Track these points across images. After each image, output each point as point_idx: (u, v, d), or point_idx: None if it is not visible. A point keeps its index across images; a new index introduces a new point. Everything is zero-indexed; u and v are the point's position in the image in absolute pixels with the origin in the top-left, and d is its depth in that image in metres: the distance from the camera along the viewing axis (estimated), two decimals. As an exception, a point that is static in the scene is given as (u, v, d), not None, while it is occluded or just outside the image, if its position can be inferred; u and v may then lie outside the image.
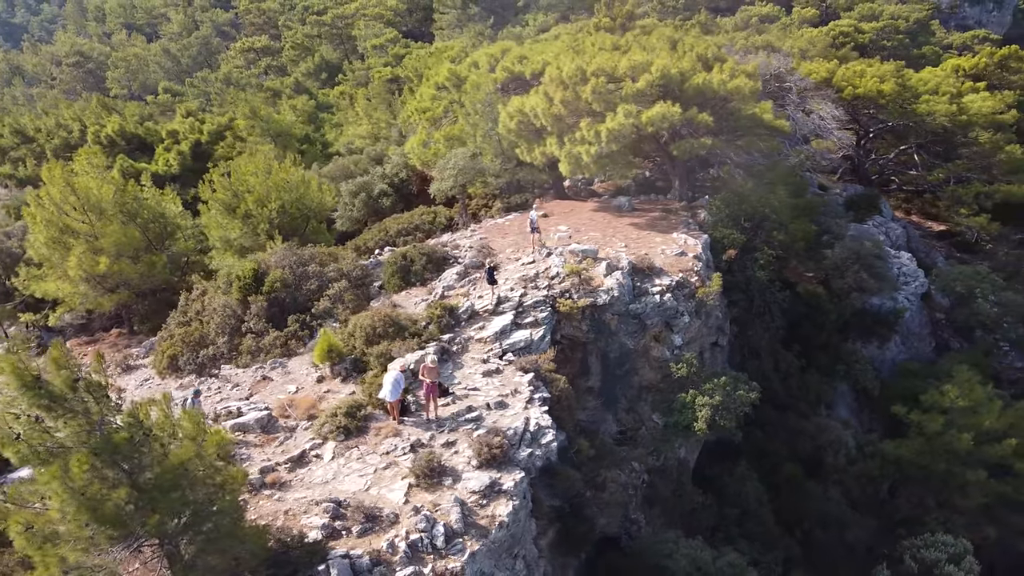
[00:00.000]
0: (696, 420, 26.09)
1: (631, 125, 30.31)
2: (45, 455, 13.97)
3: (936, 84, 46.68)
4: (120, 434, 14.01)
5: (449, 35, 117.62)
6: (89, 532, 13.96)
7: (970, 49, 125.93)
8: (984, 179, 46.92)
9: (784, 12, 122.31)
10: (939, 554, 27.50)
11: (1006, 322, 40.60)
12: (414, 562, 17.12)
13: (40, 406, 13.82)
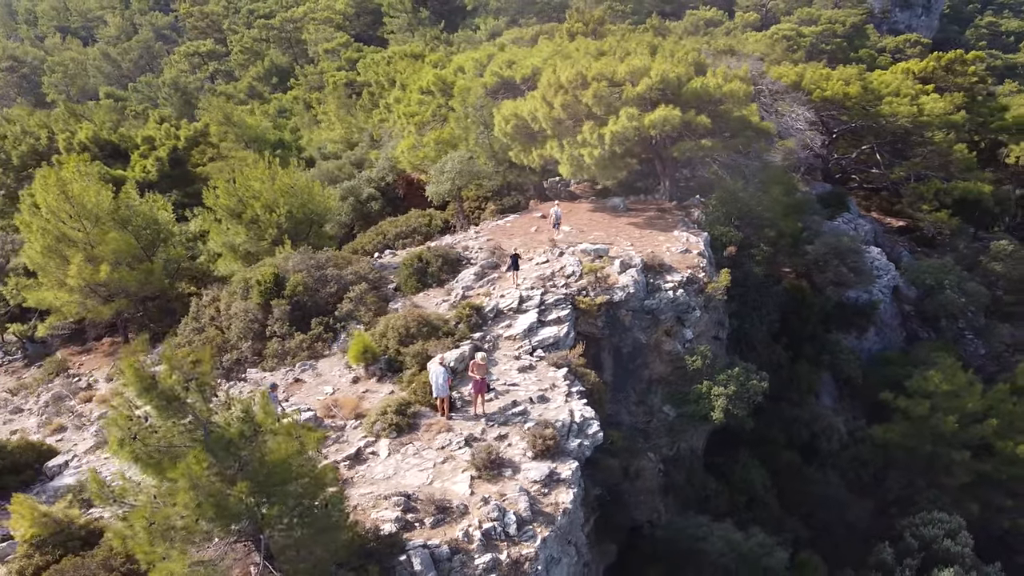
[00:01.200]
0: (713, 410, 27.29)
1: (634, 128, 31.42)
2: (157, 455, 14.31)
3: (897, 87, 49.07)
4: (233, 429, 14.43)
5: (400, 39, 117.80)
6: (206, 526, 14.35)
7: (902, 52, 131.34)
8: (942, 176, 49.50)
9: (727, 16, 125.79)
10: (936, 531, 29.24)
11: (970, 311, 43.02)
12: (489, 550, 17.83)
13: (156, 407, 14.16)
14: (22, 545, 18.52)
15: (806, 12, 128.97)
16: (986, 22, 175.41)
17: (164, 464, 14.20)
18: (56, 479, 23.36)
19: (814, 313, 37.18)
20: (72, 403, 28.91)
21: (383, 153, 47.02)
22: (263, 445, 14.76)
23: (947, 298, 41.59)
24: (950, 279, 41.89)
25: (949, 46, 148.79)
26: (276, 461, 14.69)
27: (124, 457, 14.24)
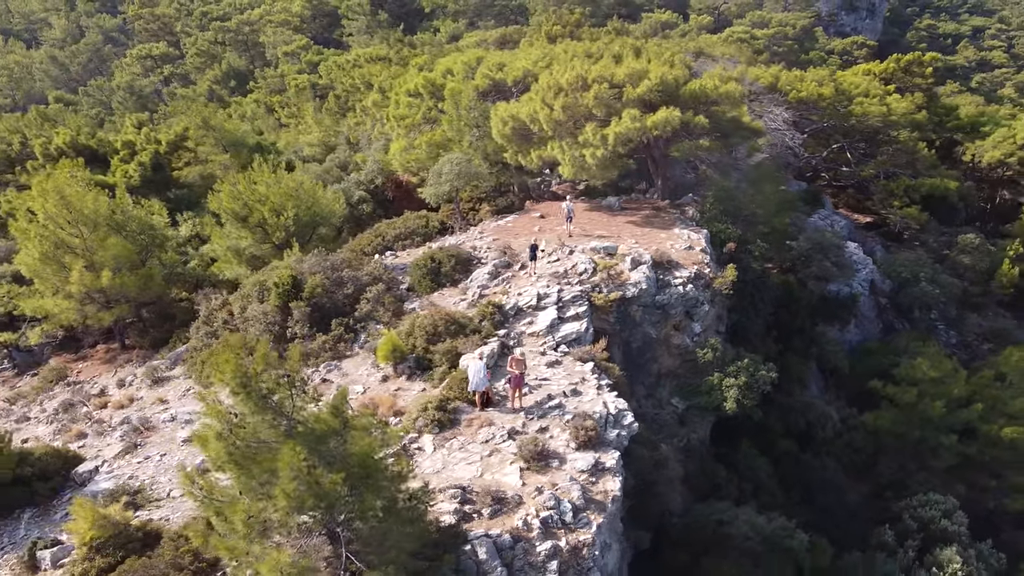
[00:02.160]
0: (726, 400, 28.29)
1: (637, 128, 32.30)
2: (249, 450, 14.62)
3: (866, 88, 50.93)
4: (324, 424, 14.80)
5: (360, 41, 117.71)
6: (300, 519, 14.70)
7: (850, 54, 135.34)
8: (909, 174, 51.56)
9: (681, 19, 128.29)
10: (933, 512, 30.63)
11: (942, 302, 44.91)
12: (548, 537, 18.42)
13: (251, 403, 14.47)
14: (80, 548, 18.54)
15: (757, 15, 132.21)
16: (925, 25, 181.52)
17: (260, 458, 14.50)
18: (89, 484, 23.25)
19: (802, 307, 38.48)
20: (86, 409, 28.64)
21: (370, 156, 47.16)
22: (351, 439, 15.14)
23: (922, 290, 43.39)
24: (924, 272, 43.72)
25: (892, 48, 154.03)
26: (362, 454, 15.09)
27: (217, 452, 14.48)
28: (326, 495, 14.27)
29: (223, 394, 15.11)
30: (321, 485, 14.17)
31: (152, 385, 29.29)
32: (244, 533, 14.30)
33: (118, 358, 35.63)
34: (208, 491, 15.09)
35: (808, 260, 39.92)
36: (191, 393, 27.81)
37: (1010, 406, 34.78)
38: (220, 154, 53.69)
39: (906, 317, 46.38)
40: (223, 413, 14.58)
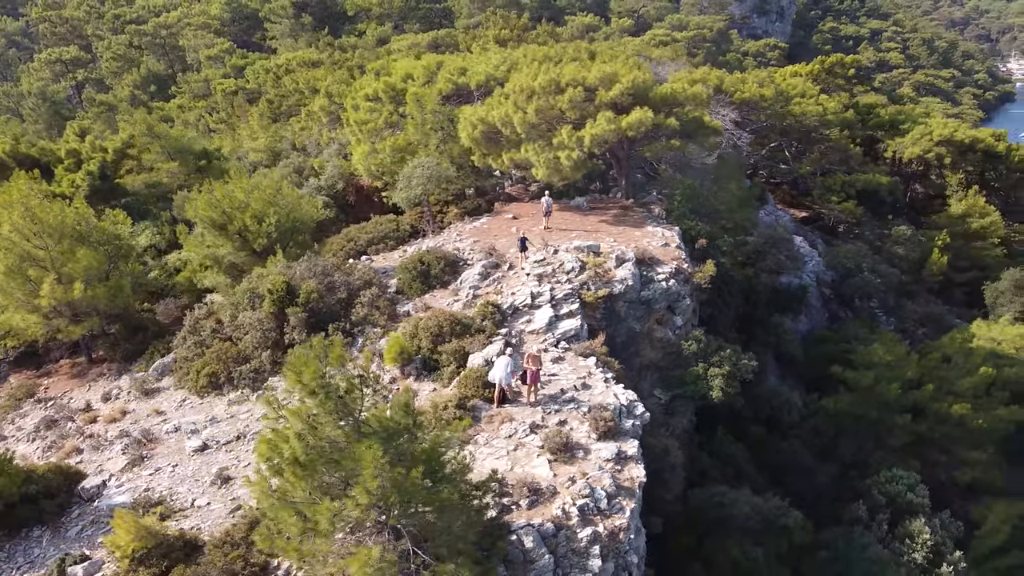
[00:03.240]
0: (711, 389, 29.61)
1: (612, 130, 33.38)
2: (325, 451, 14.94)
3: (802, 89, 53.48)
4: (397, 421, 15.23)
5: (285, 44, 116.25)
6: (376, 515, 15.09)
7: (764, 55, 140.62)
8: (844, 170, 54.37)
9: (603, 22, 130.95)
10: (899, 487, 32.66)
11: (882, 291, 47.60)
12: (587, 524, 19.23)
13: (326, 405, 14.79)
14: (122, 561, 18.37)
15: (676, 18, 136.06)
16: (828, 27, 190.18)
17: (337, 457, 14.84)
18: (100, 499, 22.88)
19: (761, 299, 40.31)
20: (74, 425, 27.97)
21: (329, 161, 47.02)
22: (421, 435, 15.62)
23: (865, 280, 45.94)
24: (866, 263, 46.29)
25: (801, 50, 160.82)
26: (431, 449, 15.59)
27: (297, 452, 14.73)
28: (407, 490, 14.71)
29: (288, 397, 15.28)
30: (403, 481, 14.62)
31: (141, 397, 28.79)
32: (327, 531, 14.60)
33: (89, 372, 34.68)
34: (283, 493, 15.31)
35: (763, 254, 41.83)
36: (188, 404, 27.52)
37: (957, 385, 37.26)
38: (166, 162, 52.53)
39: (848, 306, 48.97)
40: (302, 414, 14.83)
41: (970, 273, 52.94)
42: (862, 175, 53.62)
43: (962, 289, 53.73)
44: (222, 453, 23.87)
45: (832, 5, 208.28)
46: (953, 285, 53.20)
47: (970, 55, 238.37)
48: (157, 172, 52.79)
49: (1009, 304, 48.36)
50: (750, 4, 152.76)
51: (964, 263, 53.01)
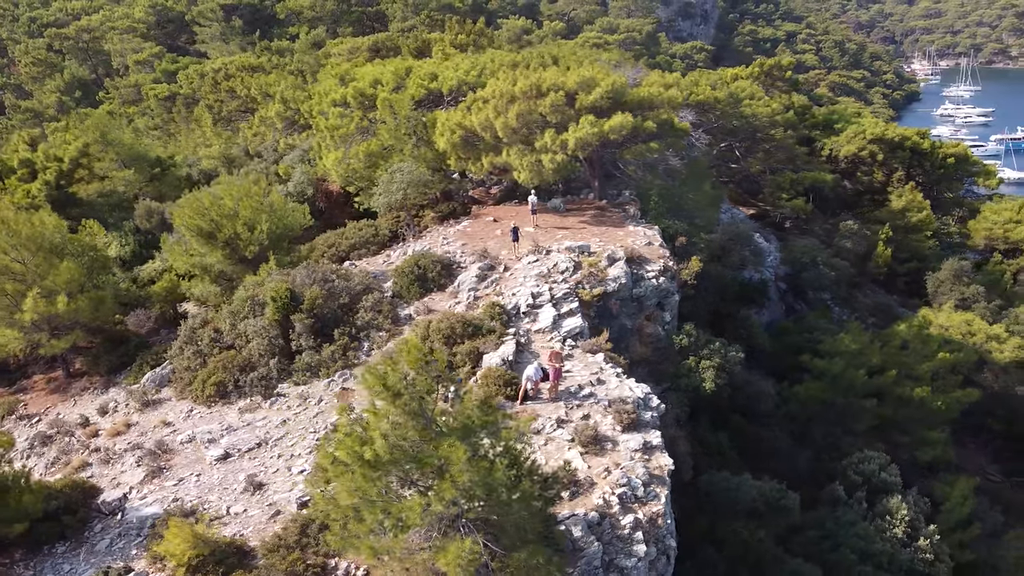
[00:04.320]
0: (704, 381, 30.90)
1: (595, 133, 34.40)
2: (406, 451, 15.43)
3: (751, 91, 55.60)
4: (475, 418, 15.81)
5: (216, 48, 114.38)
6: (458, 510, 15.63)
7: (691, 57, 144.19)
8: (791, 168, 56.77)
9: (536, 25, 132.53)
10: (873, 466, 34.54)
11: (835, 283, 49.98)
12: (627, 511, 20.12)
13: (405, 408, 15.28)
14: (178, 569, 18.40)
15: (606, 21, 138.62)
16: (747, 30, 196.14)
17: (421, 455, 15.34)
18: (125, 512, 22.69)
19: (730, 293, 41.96)
20: (75, 439, 27.48)
21: (297, 167, 46.82)
22: (498, 432, 16.23)
23: (820, 273, 48.19)
24: (821, 257, 48.54)
25: (724, 52, 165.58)
26: (508, 444, 16.23)
27: (381, 451, 15.15)
28: (491, 484, 15.31)
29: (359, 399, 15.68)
30: (487, 475, 15.23)
31: (142, 409, 28.43)
32: (418, 524, 15.08)
33: (70, 387, 33.97)
34: (364, 492, 15.70)
35: (728, 250, 43.49)
36: (196, 414, 27.35)
37: (916, 370, 39.53)
38: (120, 170, 51.40)
39: (802, 298, 51.25)
40: (387, 415, 15.27)
41: (910, 264, 55.96)
42: (808, 173, 56.17)
43: (903, 279, 56.72)
44: (246, 460, 23.90)
45: (749, 9, 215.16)
46: (896, 276, 56.11)
47: (878, 56, 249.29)
48: (111, 180, 51.59)
49: (949, 292, 51.35)
50: (675, 8, 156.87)
51: (904, 255, 55.97)
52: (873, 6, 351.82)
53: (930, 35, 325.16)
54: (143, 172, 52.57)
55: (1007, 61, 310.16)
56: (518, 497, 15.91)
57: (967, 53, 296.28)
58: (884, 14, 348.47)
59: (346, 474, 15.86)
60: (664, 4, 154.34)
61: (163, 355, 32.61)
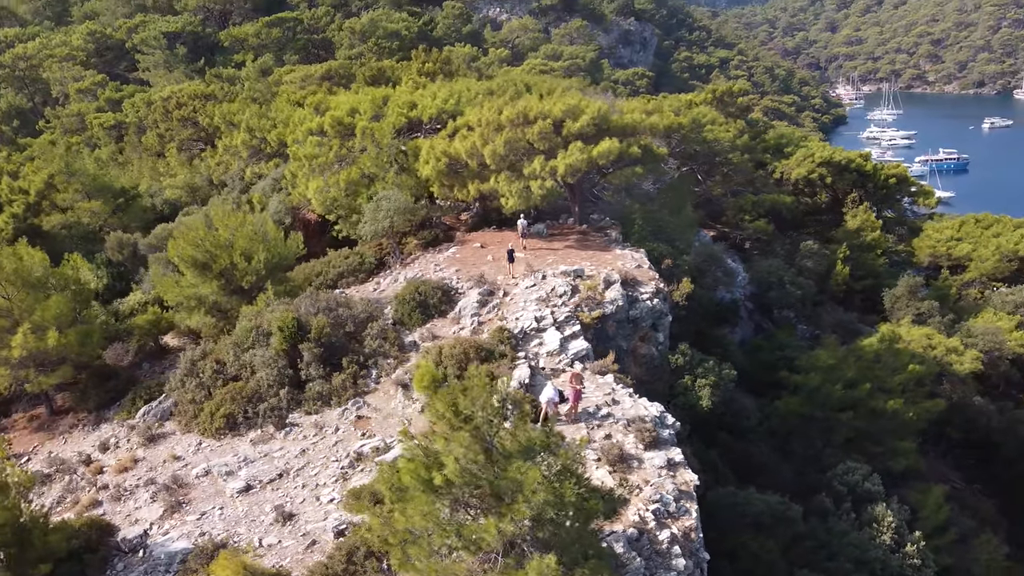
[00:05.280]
0: (701, 399, 31.77)
1: (584, 159, 35.28)
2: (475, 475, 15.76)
3: (712, 117, 57.39)
4: (536, 441, 16.22)
5: (160, 77, 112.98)
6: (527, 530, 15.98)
7: (633, 83, 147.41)
8: (751, 191, 58.65)
9: (481, 52, 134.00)
10: (857, 477, 35.84)
11: (800, 302, 51.71)
12: (663, 527, 20.71)
13: (485, 429, 15.64)
14: (229, 604, 18.27)
15: (550, 48, 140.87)
16: (683, 57, 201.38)
17: (491, 478, 15.68)
18: (151, 548, 22.33)
19: (709, 313, 43.15)
20: (80, 476, 26.88)
21: (272, 196, 46.63)
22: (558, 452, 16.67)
23: (786, 292, 49.82)
24: (787, 276, 50.22)
25: (663, 78, 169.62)
26: (569, 464, 16.68)
27: (453, 475, 15.45)
28: (564, 503, 15.73)
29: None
30: (559, 494, 15.64)
31: (147, 444, 27.95)
32: (493, 547, 15.38)
33: (57, 424, 33.14)
34: (431, 515, 15.94)
35: (703, 271, 44.72)
36: (206, 447, 27.02)
37: (888, 383, 41.15)
38: (85, 201, 50.44)
39: (768, 317, 52.85)
40: (462, 440, 15.57)
41: (866, 281, 58.13)
42: (768, 196, 58.12)
43: (860, 296, 58.88)
44: (269, 491, 23.76)
45: (683, 36, 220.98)
46: (853, 293, 58.20)
47: (805, 82, 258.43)
48: (75, 212, 50.61)
49: (906, 308, 53.53)
50: (615, 35, 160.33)
51: (860, 272, 58.15)
52: (798, 33, 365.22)
53: (852, 61, 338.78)
54: (108, 203, 51.70)
55: (924, 86, 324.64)
56: (584, 514, 16.32)
57: (888, 78, 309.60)
58: (809, 41, 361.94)
59: (414, 498, 16.10)
60: (604, 32, 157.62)
61: (156, 388, 32.16)
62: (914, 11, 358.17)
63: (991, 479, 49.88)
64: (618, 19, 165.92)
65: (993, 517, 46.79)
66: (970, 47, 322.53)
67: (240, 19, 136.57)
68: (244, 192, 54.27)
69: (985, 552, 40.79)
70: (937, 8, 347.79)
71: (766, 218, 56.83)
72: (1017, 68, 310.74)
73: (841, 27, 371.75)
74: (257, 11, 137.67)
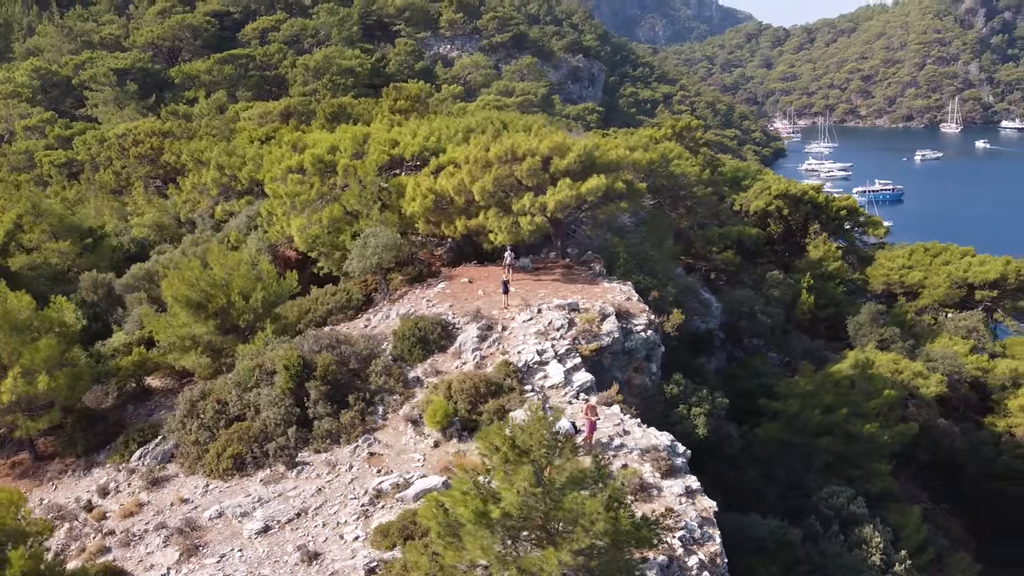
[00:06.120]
0: (696, 427, 32.48)
1: (573, 196, 36.06)
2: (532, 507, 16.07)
3: (678, 152, 59.00)
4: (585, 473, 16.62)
5: (108, 114, 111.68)
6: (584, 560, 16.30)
7: (583, 118, 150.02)
8: (717, 223, 60.27)
9: (434, 88, 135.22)
10: (842, 500, 36.84)
11: (770, 330, 53.12)
12: (690, 553, 21.19)
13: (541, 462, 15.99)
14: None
15: (502, 84, 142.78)
16: (629, 92, 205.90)
17: (546, 510, 16.00)
18: (171, 595, 21.98)
19: (689, 343, 44.10)
20: (83, 522, 26.27)
21: (250, 234, 46.37)
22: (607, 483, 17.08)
23: (758, 321, 51.18)
24: (758, 306, 51.61)
25: (612, 113, 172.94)
26: (618, 495, 17.09)
27: (512, 508, 15.72)
28: (621, 532, 16.11)
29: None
30: (616, 524, 16.03)
31: (151, 487, 27.45)
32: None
33: (43, 471, 32.28)
34: (488, 548, 16.15)
35: (681, 302, 45.69)
36: (214, 488, 26.66)
37: (863, 407, 42.50)
38: (52, 241, 49.45)
39: (739, 346, 54.12)
40: (524, 474, 15.88)
41: (829, 310, 60.01)
42: (733, 227, 59.80)
43: (824, 324, 60.71)
44: (288, 532, 23.59)
45: (628, 72, 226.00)
46: (817, 321, 60.00)
47: (745, 116, 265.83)
48: (41, 252, 49.57)
49: (869, 334, 55.39)
50: (564, 71, 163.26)
51: (823, 301, 60.02)
52: (736, 69, 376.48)
53: (788, 96, 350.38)
54: (76, 243, 50.76)
55: (857, 120, 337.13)
56: (636, 543, 16.73)
57: (822, 113, 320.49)
58: (746, 77, 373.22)
59: (471, 532, 16.31)
60: (554, 68, 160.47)
61: (150, 431, 31.65)
62: (844, 49, 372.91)
63: (957, 499, 51.66)
64: (566, 56, 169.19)
65: (962, 536, 48.42)
66: (898, 83, 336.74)
67: (190, 56, 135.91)
68: (216, 230, 53.89)
69: (959, 570, 42.15)
70: (866, 46, 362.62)
71: (732, 249, 58.34)
72: (942, 103, 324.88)
73: (776, 64, 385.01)
74: (207, 48, 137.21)
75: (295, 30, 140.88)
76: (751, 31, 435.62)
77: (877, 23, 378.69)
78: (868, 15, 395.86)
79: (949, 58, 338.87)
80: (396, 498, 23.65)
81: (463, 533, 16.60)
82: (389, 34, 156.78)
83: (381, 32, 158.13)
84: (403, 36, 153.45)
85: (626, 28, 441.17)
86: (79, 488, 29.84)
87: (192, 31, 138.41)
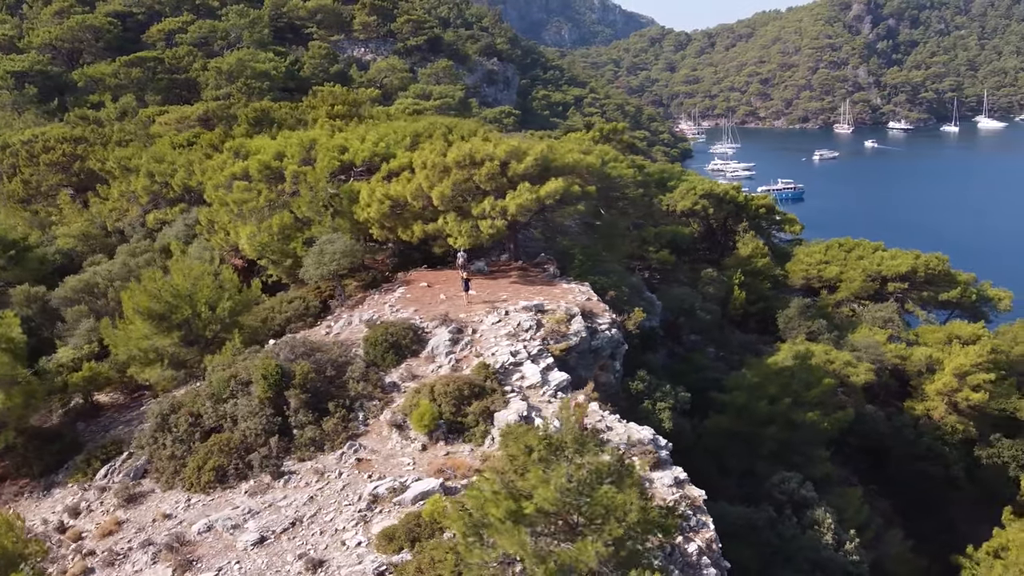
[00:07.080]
0: (663, 422, 33.54)
1: (533, 199, 36.67)
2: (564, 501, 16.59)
3: (614, 155, 60.26)
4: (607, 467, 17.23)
5: (6, 118, 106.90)
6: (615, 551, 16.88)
7: (501, 121, 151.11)
8: (651, 224, 61.92)
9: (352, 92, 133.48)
10: (793, 484, 38.61)
11: (709, 327, 55.00)
12: (687, 540, 22.04)
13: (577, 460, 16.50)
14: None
15: (419, 88, 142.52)
16: (541, 95, 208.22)
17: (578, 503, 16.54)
18: (171, 612, 21.55)
19: (642, 340, 45.31)
20: (57, 543, 25.37)
21: (192, 243, 45.29)
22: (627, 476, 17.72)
23: (698, 317, 52.93)
24: (697, 303, 53.37)
25: (528, 115, 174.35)
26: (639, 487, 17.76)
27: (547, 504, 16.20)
28: (649, 522, 16.77)
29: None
30: (645, 515, 16.68)
31: (127, 505, 26.69)
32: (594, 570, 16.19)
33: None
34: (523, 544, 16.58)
35: (630, 301, 46.91)
36: (196, 502, 26.14)
37: (804, 396, 44.55)
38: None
39: (678, 342, 55.80)
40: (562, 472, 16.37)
41: (759, 304, 62.48)
42: (667, 227, 61.57)
43: (755, 319, 63.15)
44: (286, 541, 23.38)
45: (539, 75, 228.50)
46: (749, 316, 62.38)
47: (653, 118, 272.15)
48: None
49: (798, 327, 57.97)
50: (480, 75, 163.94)
51: (753, 296, 62.45)
52: (641, 72, 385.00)
53: (692, 99, 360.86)
54: (0, 256, 48.56)
55: (757, 121, 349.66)
56: (662, 532, 17.44)
57: (724, 114, 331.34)
58: (651, 79, 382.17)
59: (503, 530, 16.70)
60: (469, 71, 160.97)
61: (113, 448, 30.75)
62: (743, 53, 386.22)
63: (885, 481, 54.60)
64: (481, 59, 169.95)
65: (890, 515, 51.30)
66: (794, 86, 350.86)
67: (92, 58, 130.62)
68: (149, 239, 52.40)
69: (894, 546, 44.65)
70: (763, 50, 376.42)
71: (667, 248, 60.07)
72: (835, 105, 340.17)
73: (679, 67, 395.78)
74: (110, 50, 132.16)
75: (204, 32, 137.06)
76: (655, 35, 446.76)
77: (773, 28, 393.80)
78: (764, 20, 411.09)
79: (840, 62, 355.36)
80: (394, 502, 23.75)
81: (492, 532, 16.99)
82: (301, 37, 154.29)
83: (293, 35, 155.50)
84: (316, 39, 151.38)
85: (533, 31, 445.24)
86: (42, 509, 28.78)
87: (93, 32, 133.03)
